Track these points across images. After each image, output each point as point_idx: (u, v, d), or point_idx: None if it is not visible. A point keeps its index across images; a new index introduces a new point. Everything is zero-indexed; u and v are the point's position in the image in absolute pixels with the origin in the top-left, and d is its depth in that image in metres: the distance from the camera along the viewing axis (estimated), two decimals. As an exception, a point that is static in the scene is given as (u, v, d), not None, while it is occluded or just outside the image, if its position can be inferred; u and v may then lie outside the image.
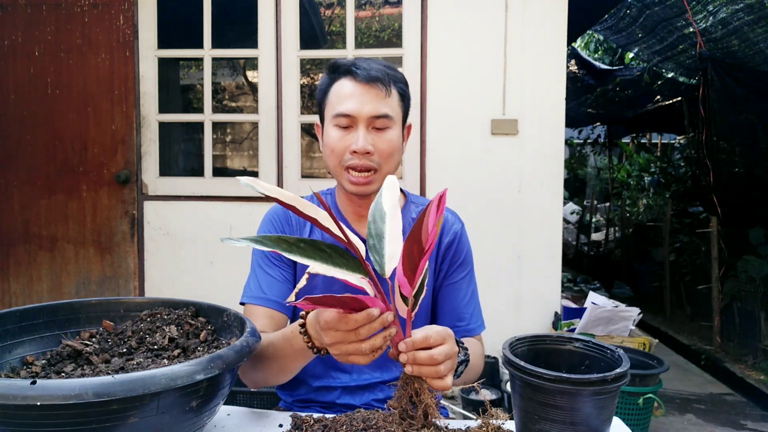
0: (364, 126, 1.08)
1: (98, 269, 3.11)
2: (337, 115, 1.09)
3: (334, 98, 1.11)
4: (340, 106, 1.09)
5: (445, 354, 0.80)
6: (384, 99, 1.09)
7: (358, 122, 1.08)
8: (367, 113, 1.08)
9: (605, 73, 6.09)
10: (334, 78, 1.13)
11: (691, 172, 6.05)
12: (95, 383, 0.64)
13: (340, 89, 1.10)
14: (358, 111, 1.08)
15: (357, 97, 1.08)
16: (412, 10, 2.89)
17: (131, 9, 2.98)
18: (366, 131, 1.08)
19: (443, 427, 0.91)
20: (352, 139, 1.08)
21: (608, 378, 0.76)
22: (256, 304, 1.13)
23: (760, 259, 3.85)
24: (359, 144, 1.07)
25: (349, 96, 1.09)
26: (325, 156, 1.14)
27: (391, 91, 1.10)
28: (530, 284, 2.93)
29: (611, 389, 0.77)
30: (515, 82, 2.87)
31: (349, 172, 1.09)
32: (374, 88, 1.08)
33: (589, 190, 9.46)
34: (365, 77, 1.08)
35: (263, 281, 1.15)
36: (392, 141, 1.11)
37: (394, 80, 1.11)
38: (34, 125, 3.06)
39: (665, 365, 2.46)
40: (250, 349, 0.82)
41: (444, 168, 2.92)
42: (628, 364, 0.81)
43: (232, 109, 7.02)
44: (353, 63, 1.11)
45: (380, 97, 1.08)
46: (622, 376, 0.78)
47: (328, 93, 1.13)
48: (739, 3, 3.70)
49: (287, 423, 0.92)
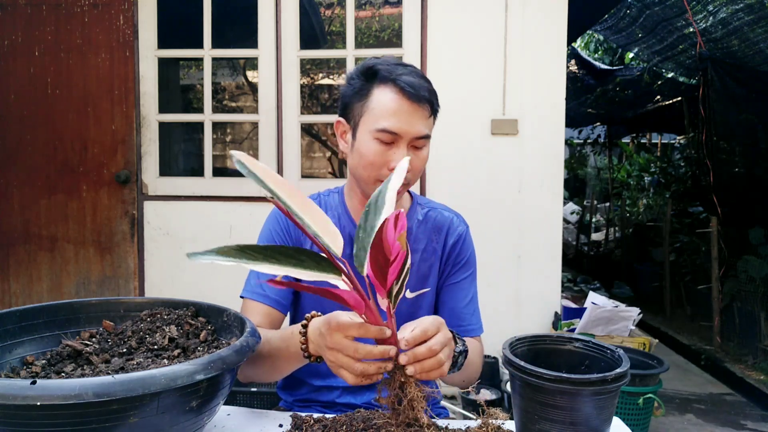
0: (405, 144, 1.07)
1: (98, 269, 3.11)
2: (382, 130, 1.06)
3: (378, 110, 1.07)
4: (386, 121, 1.06)
5: (442, 342, 0.80)
6: (427, 119, 1.09)
7: (401, 140, 1.07)
8: (414, 134, 1.07)
9: (605, 73, 6.09)
10: (373, 83, 1.09)
11: (691, 172, 6.05)
12: (95, 383, 0.64)
13: (386, 101, 1.07)
14: (406, 131, 1.06)
15: (404, 116, 1.06)
16: (412, 10, 2.89)
17: (131, 9, 2.98)
18: (407, 149, 1.08)
19: (443, 427, 0.91)
20: (393, 156, 1.06)
21: (608, 378, 0.76)
22: (255, 300, 1.14)
23: (760, 259, 3.85)
24: (403, 164, 1.04)
25: (395, 112, 1.06)
26: (355, 164, 1.12)
27: (433, 110, 1.10)
28: (530, 284, 2.93)
29: (611, 389, 0.77)
30: (515, 82, 2.87)
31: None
32: (422, 108, 1.07)
33: (589, 190, 9.46)
34: (415, 97, 1.06)
35: (262, 275, 1.16)
36: (425, 159, 1.12)
37: (437, 101, 1.11)
38: (34, 125, 3.06)
39: (665, 365, 2.46)
40: (250, 349, 0.82)
41: (444, 168, 2.92)
42: (628, 364, 0.81)
43: (232, 109, 7.02)
44: (396, 71, 1.08)
45: (425, 117, 1.08)
46: (622, 376, 0.78)
47: (368, 100, 1.09)
48: (739, 3, 3.70)
49: (287, 423, 0.92)
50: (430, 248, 1.21)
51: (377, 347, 0.77)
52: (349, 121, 1.14)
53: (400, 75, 1.07)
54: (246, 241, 1.32)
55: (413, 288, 1.19)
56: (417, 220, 1.23)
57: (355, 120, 1.11)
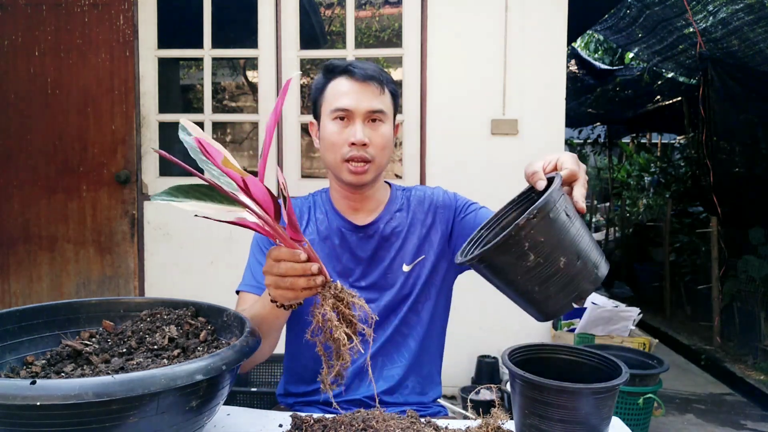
0: (360, 120, 1.16)
1: (98, 269, 3.11)
2: (335, 110, 1.16)
3: (332, 96, 1.18)
4: (338, 102, 1.16)
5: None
6: (379, 96, 1.17)
7: (355, 117, 1.16)
8: (364, 108, 1.16)
9: (605, 73, 6.09)
10: (330, 78, 1.20)
11: (691, 172, 6.05)
12: (95, 383, 0.64)
13: (338, 87, 1.18)
14: (356, 106, 1.15)
15: (354, 93, 1.16)
16: (412, 10, 2.89)
17: (131, 9, 2.98)
18: (363, 125, 1.16)
19: (443, 427, 0.91)
20: (350, 132, 1.15)
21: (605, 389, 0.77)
22: (248, 291, 1.20)
23: (760, 259, 3.85)
24: (357, 136, 1.14)
25: (346, 93, 1.16)
26: (323, 151, 1.21)
27: (385, 89, 1.18)
28: (530, 284, 2.92)
29: (610, 388, 0.78)
30: (515, 82, 2.87)
31: (348, 163, 1.16)
32: (370, 85, 1.16)
33: (589, 190, 9.45)
34: (362, 75, 1.16)
35: (255, 270, 1.22)
36: (385, 135, 1.18)
37: (387, 80, 1.20)
38: (34, 125, 3.06)
39: (665, 365, 2.46)
40: (251, 349, 0.82)
41: (444, 168, 2.92)
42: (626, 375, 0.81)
43: (232, 109, 7.02)
44: (349, 63, 1.19)
45: (375, 94, 1.17)
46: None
47: (325, 92, 1.20)
48: (739, 3, 3.70)
49: (287, 423, 0.92)
50: (416, 221, 1.28)
51: (298, 264, 0.85)
52: (316, 117, 1.25)
53: (351, 65, 1.18)
54: (245, 242, 1.32)
55: (409, 261, 1.25)
56: (401, 207, 1.29)
57: (318, 113, 1.23)
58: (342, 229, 1.25)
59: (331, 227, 1.26)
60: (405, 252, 1.25)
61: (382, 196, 1.29)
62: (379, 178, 1.25)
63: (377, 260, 1.25)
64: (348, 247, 1.25)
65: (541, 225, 0.72)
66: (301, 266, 0.85)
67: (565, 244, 0.74)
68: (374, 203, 1.27)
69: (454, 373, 2.82)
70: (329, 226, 1.26)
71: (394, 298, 1.23)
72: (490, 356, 2.79)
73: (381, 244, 1.25)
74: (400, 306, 1.24)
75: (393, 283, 1.24)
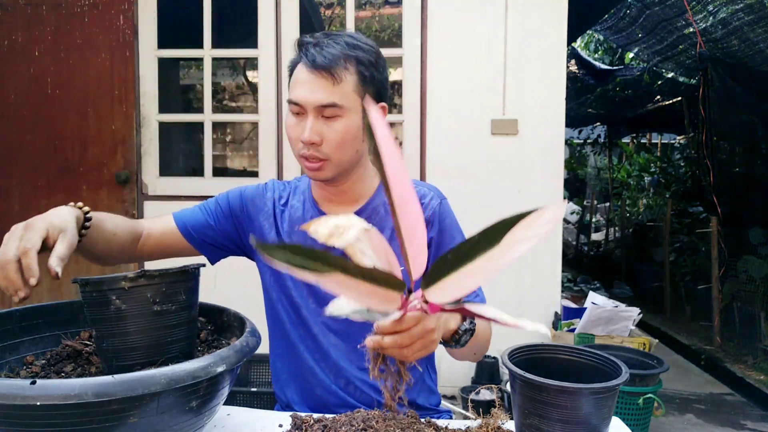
0: (313, 115, 1.03)
1: (98, 269, 3.10)
2: (288, 101, 1.06)
3: (292, 83, 1.07)
4: (292, 92, 1.06)
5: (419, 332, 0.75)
6: (332, 87, 1.02)
7: (306, 111, 1.04)
8: (314, 102, 1.02)
9: (605, 73, 6.09)
10: (297, 59, 1.08)
11: (691, 172, 6.05)
12: (95, 383, 0.64)
13: (296, 74, 1.06)
14: (305, 100, 1.03)
15: (306, 84, 1.03)
16: (412, 10, 2.89)
17: (131, 9, 2.98)
18: (315, 120, 1.03)
19: (443, 427, 0.91)
20: (302, 128, 1.04)
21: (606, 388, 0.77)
22: (177, 223, 1.19)
23: (760, 259, 3.85)
24: (305, 135, 1.03)
25: (300, 83, 1.04)
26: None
27: (343, 77, 1.02)
28: (530, 284, 2.93)
29: (610, 388, 0.78)
30: (515, 82, 2.87)
31: (304, 160, 1.07)
32: (321, 76, 1.02)
33: (589, 190, 9.46)
34: (311, 65, 1.02)
35: (196, 215, 1.21)
36: (342, 131, 1.04)
37: (349, 63, 1.03)
38: (34, 125, 3.06)
39: (665, 365, 2.46)
40: (251, 349, 0.82)
41: (444, 168, 2.92)
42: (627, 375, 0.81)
43: (232, 109, 7.02)
44: (310, 43, 1.05)
45: (328, 86, 1.02)
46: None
47: (292, 74, 1.09)
48: (739, 3, 3.70)
49: (287, 423, 0.92)
50: None
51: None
52: None
53: (309, 46, 1.04)
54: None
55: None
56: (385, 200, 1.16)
57: None
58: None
59: (305, 218, 1.17)
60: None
61: (364, 189, 1.17)
62: (353, 171, 1.12)
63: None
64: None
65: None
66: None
67: None
68: (353, 195, 1.16)
69: (454, 373, 2.82)
70: (303, 216, 1.18)
71: None
72: (490, 356, 2.79)
73: None
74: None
75: None
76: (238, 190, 1.24)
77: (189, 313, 0.89)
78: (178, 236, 1.19)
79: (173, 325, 0.86)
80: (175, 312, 0.86)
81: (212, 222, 1.20)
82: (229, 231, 1.21)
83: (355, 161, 1.10)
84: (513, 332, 2.33)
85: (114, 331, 0.84)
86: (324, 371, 1.15)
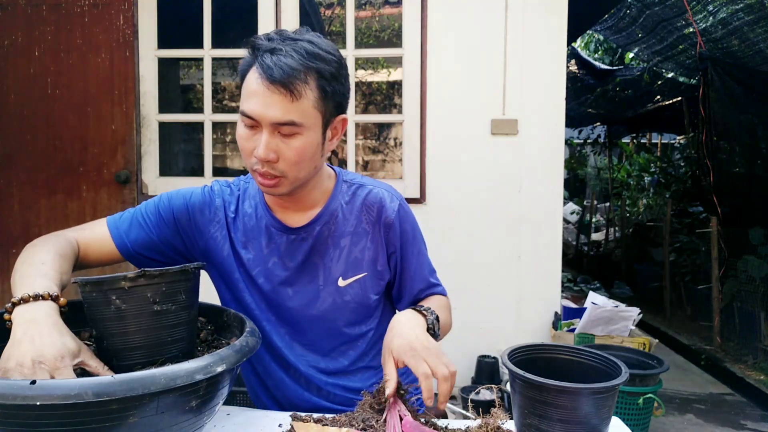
0: (268, 131, 0.95)
1: (98, 269, 3.10)
2: (241, 113, 0.96)
3: (244, 90, 0.97)
4: (245, 103, 0.96)
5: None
6: (290, 104, 0.93)
7: (261, 126, 0.95)
8: (269, 119, 0.94)
9: (605, 73, 6.09)
10: (251, 62, 0.97)
11: (691, 172, 6.05)
12: (95, 383, 0.64)
13: (249, 82, 0.95)
14: (260, 115, 0.94)
15: (260, 98, 0.93)
16: (412, 10, 2.89)
17: (131, 9, 2.98)
18: (270, 136, 0.95)
19: (443, 427, 0.91)
20: (255, 142, 0.96)
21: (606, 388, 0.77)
22: (110, 231, 1.13)
23: (760, 259, 3.85)
24: (259, 152, 0.95)
25: (253, 94, 0.94)
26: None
27: (302, 93, 0.93)
28: (530, 284, 2.93)
29: (610, 388, 0.78)
30: (515, 82, 2.87)
31: (257, 175, 0.99)
32: (278, 91, 0.92)
33: (589, 190, 9.47)
34: (268, 78, 0.92)
35: (138, 231, 1.11)
36: (299, 148, 0.96)
37: (309, 77, 0.94)
38: (34, 125, 3.06)
39: (665, 365, 2.46)
40: (250, 349, 0.82)
41: (444, 168, 2.92)
42: (626, 375, 0.81)
43: (232, 109, 7.00)
44: (266, 49, 0.95)
45: (285, 102, 0.93)
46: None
47: (245, 78, 0.98)
48: (739, 3, 3.70)
49: (287, 423, 0.92)
50: (360, 229, 1.12)
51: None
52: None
53: (266, 52, 0.94)
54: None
55: (346, 275, 1.11)
56: (343, 200, 1.13)
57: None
58: (271, 228, 1.10)
59: (259, 225, 1.11)
60: (340, 259, 1.10)
61: (320, 195, 1.11)
62: (310, 182, 1.06)
63: (308, 268, 1.10)
64: (276, 250, 1.11)
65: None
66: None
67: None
68: (309, 202, 1.10)
69: (454, 373, 2.82)
70: (257, 225, 1.11)
71: (325, 314, 1.11)
72: (490, 356, 2.79)
73: (315, 249, 1.10)
74: (334, 323, 1.12)
75: (325, 297, 1.11)
76: (182, 198, 1.13)
77: (189, 312, 0.89)
78: (116, 254, 1.13)
79: (173, 325, 0.86)
80: (175, 312, 0.86)
81: (155, 237, 1.11)
82: (176, 244, 1.13)
83: (312, 176, 1.04)
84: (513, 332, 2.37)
85: (114, 331, 0.84)
86: (294, 382, 1.15)
